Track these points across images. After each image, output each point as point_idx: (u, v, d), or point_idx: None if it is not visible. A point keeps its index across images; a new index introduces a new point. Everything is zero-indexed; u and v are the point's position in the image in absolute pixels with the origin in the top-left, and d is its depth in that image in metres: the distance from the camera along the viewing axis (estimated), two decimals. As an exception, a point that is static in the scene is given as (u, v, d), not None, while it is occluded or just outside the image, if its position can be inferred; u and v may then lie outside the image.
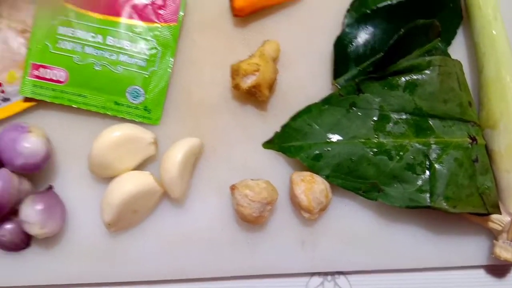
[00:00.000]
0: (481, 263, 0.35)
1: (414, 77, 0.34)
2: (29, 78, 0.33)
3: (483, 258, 0.35)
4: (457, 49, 0.36)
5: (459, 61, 0.35)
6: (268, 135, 0.35)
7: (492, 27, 0.34)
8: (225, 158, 0.35)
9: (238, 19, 0.35)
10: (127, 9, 0.34)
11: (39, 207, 0.31)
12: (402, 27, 0.34)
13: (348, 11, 0.36)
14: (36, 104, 0.34)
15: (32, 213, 0.31)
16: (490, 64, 0.34)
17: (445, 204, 0.32)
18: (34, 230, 0.31)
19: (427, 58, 0.34)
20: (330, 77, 0.35)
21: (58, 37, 0.33)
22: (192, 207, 0.34)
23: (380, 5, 0.35)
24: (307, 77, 0.36)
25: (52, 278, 0.33)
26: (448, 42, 0.36)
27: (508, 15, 0.35)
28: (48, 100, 0.33)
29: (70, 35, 0.33)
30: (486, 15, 0.34)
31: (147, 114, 0.34)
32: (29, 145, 0.31)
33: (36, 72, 0.33)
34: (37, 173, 0.33)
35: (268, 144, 0.35)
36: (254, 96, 0.34)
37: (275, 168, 0.35)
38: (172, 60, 0.34)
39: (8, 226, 0.32)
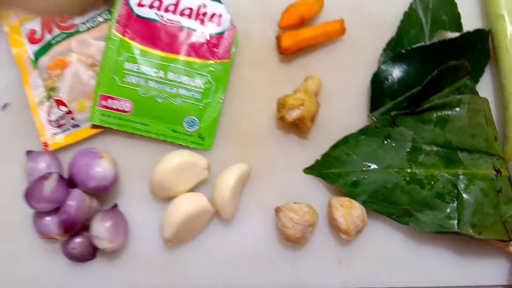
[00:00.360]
0: (501, 283, 0.38)
1: (445, 113, 0.37)
2: (98, 108, 0.37)
3: (504, 279, 0.38)
4: (485, 87, 0.39)
5: (487, 99, 0.38)
6: (309, 162, 0.38)
7: None
8: (269, 182, 0.38)
9: (283, 57, 0.39)
10: (185, 48, 0.37)
11: (108, 224, 0.35)
12: (434, 67, 0.37)
13: (384, 50, 0.39)
14: (103, 130, 0.38)
15: (102, 229, 0.35)
16: None
17: (471, 230, 0.35)
18: (103, 244, 0.35)
19: (458, 97, 0.37)
20: (367, 110, 0.39)
21: (125, 71, 0.37)
22: (240, 226, 0.38)
23: (414, 46, 0.38)
24: (346, 110, 0.39)
25: (113, 285, 0.37)
26: (476, 80, 0.39)
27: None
28: (114, 127, 0.37)
29: (136, 70, 0.37)
30: None
31: (201, 141, 0.38)
32: (101, 169, 0.35)
33: (104, 103, 0.37)
34: (104, 193, 0.37)
35: (309, 170, 0.38)
36: (297, 127, 0.38)
37: (314, 193, 0.38)
38: (224, 93, 0.38)
39: (78, 240, 0.36)
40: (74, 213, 0.34)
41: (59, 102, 0.37)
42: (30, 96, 0.37)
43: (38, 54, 0.37)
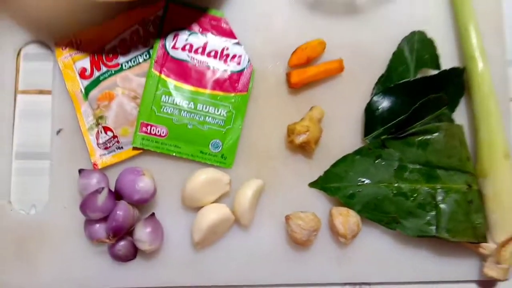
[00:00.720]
0: (474, 279, 0.45)
1: (426, 137, 0.44)
2: (139, 133, 0.44)
3: (475, 275, 0.45)
4: (460, 115, 0.46)
5: (461, 125, 0.45)
6: (314, 177, 0.45)
7: (487, 101, 0.44)
8: (280, 195, 0.45)
9: (292, 90, 0.46)
10: (211, 83, 0.45)
11: (148, 229, 0.42)
12: (418, 99, 0.45)
13: (376, 84, 0.46)
14: (142, 151, 0.45)
15: (143, 234, 0.42)
16: (484, 129, 0.44)
17: (447, 234, 0.43)
18: (144, 246, 0.42)
19: (436, 124, 0.44)
20: (361, 134, 0.46)
21: (162, 103, 0.44)
22: (256, 231, 0.45)
23: (401, 81, 0.45)
24: (344, 134, 0.46)
25: (151, 282, 0.44)
26: (452, 110, 0.46)
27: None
28: (152, 149, 0.44)
29: (170, 102, 0.44)
30: (483, 91, 0.44)
31: (223, 160, 0.45)
32: (143, 185, 0.42)
33: (144, 129, 0.44)
34: (144, 204, 0.44)
35: (314, 185, 0.46)
36: (304, 148, 0.45)
37: (318, 203, 0.45)
38: (243, 120, 0.45)
39: (123, 243, 0.43)
40: (121, 220, 0.41)
41: (106, 128, 0.44)
42: (82, 123, 0.45)
43: (88, 88, 0.45)
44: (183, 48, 0.45)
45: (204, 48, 0.45)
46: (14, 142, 0.46)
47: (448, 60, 0.46)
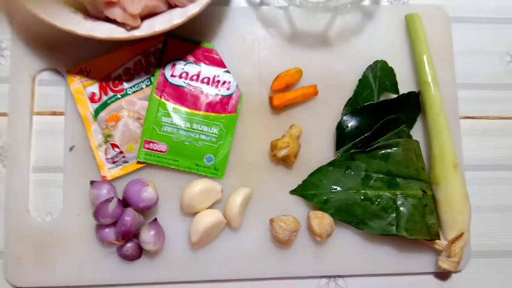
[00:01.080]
0: (430, 271, 0.53)
1: (387, 151, 0.52)
2: (143, 149, 0.51)
3: (432, 267, 0.52)
4: (417, 131, 0.54)
5: (417, 141, 0.53)
6: (294, 186, 0.52)
7: (438, 120, 0.52)
8: (265, 201, 0.52)
9: (274, 111, 0.53)
10: (204, 105, 0.52)
11: (152, 232, 0.49)
12: (380, 119, 0.52)
13: (345, 106, 0.54)
14: (145, 165, 0.51)
15: (148, 236, 0.48)
16: (436, 143, 0.52)
17: (405, 233, 0.50)
18: (149, 247, 0.49)
19: (396, 140, 0.52)
20: (334, 148, 0.53)
21: (162, 123, 0.51)
22: (244, 233, 0.52)
23: (366, 103, 0.53)
24: (319, 149, 0.53)
25: (155, 278, 0.51)
26: (410, 127, 0.53)
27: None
28: (154, 163, 0.51)
29: (170, 122, 0.51)
30: (435, 112, 0.52)
31: (216, 172, 0.52)
32: (148, 194, 0.49)
33: (147, 146, 0.51)
34: (148, 211, 0.50)
35: (294, 192, 0.52)
36: (285, 161, 0.52)
37: (297, 208, 0.52)
38: (232, 137, 0.52)
39: (130, 244, 0.49)
40: (129, 225, 0.48)
41: (114, 145, 0.51)
42: (92, 141, 0.51)
43: (98, 111, 0.51)
44: (180, 76, 0.52)
45: (198, 75, 0.52)
46: (31, 157, 0.52)
47: (405, 85, 0.54)
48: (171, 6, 0.46)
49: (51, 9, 0.45)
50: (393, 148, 0.52)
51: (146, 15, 0.46)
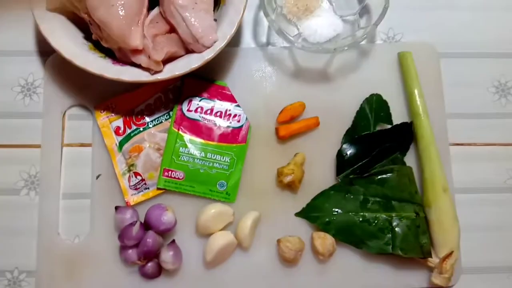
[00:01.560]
0: (424, 286, 0.57)
1: (383, 176, 0.57)
2: (163, 177, 0.56)
3: (425, 283, 0.57)
4: (410, 158, 0.59)
5: (410, 167, 0.58)
6: (298, 209, 0.58)
7: (429, 148, 0.57)
8: (273, 222, 0.57)
9: (280, 140, 0.59)
10: (217, 136, 0.57)
11: (171, 253, 0.54)
12: (376, 147, 0.58)
13: (345, 135, 0.59)
14: (165, 191, 0.57)
15: (167, 257, 0.53)
16: (427, 169, 0.57)
17: (400, 252, 0.55)
18: (168, 266, 0.54)
19: (391, 166, 0.57)
20: (335, 174, 0.58)
21: (180, 153, 0.56)
22: (254, 252, 0.57)
23: (364, 133, 0.58)
24: (321, 174, 0.59)
25: (172, 294, 0.56)
26: (404, 154, 0.59)
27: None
28: (172, 189, 0.56)
29: (186, 152, 0.57)
30: (426, 140, 0.57)
31: (228, 197, 0.57)
32: (167, 218, 0.54)
33: (166, 173, 0.56)
34: (167, 233, 0.55)
35: (298, 214, 0.58)
36: (291, 186, 0.57)
37: (302, 229, 0.57)
38: (243, 164, 0.57)
39: (151, 264, 0.54)
40: (151, 246, 0.53)
41: (136, 174, 0.56)
42: (117, 170, 0.57)
43: (122, 143, 0.57)
44: (196, 111, 0.57)
45: (212, 110, 0.58)
46: (61, 185, 0.58)
47: (399, 116, 0.60)
48: (188, 51, 0.53)
49: (83, 56, 0.51)
50: (389, 174, 0.57)
51: (167, 60, 0.52)
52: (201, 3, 0.49)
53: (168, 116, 0.58)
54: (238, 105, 0.58)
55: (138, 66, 0.52)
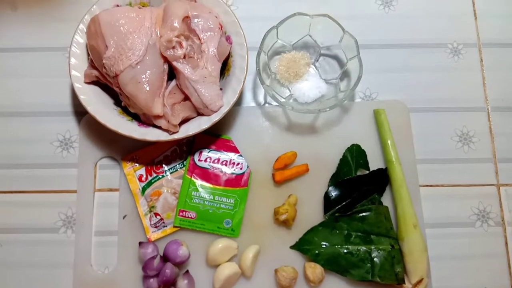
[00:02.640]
0: (402, 308, 0.67)
1: (363, 214, 0.67)
2: (178, 216, 0.67)
3: (402, 306, 0.67)
4: (386, 198, 0.70)
5: (386, 206, 0.68)
6: (292, 242, 0.68)
7: (400, 189, 0.67)
8: (271, 254, 0.67)
9: (276, 184, 0.70)
10: (223, 182, 0.68)
11: (185, 281, 0.64)
12: (357, 189, 0.68)
13: (330, 179, 0.70)
14: (180, 229, 0.67)
15: (183, 285, 0.64)
16: (399, 208, 0.67)
17: (378, 279, 0.65)
18: (183, 293, 0.63)
19: (369, 206, 0.67)
20: (323, 212, 0.69)
21: (192, 196, 0.67)
22: (255, 280, 0.67)
23: (346, 178, 0.69)
24: (311, 212, 0.69)
25: (186, 317, 0.65)
26: (381, 195, 0.69)
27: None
28: (186, 227, 0.67)
29: (198, 195, 0.67)
30: (398, 183, 0.68)
31: (233, 232, 0.67)
32: (182, 252, 0.64)
33: (181, 213, 0.67)
34: (182, 264, 0.65)
35: (293, 247, 0.68)
36: (285, 223, 0.68)
37: (296, 259, 0.67)
38: (245, 204, 0.68)
39: (168, 290, 0.64)
40: (169, 276, 0.63)
41: (156, 214, 0.67)
42: (140, 211, 0.67)
43: (144, 188, 0.68)
44: (205, 160, 0.69)
45: (218, 159, 0.69)
46: (93, 224, 0.68)
47: (376, 163, 0.71)
48: (199, 114, 0.64)
49: (114, 120, 0.63)
50: (368, 212, 0.67)
51: (182, 121, 0.63)
52: (209, 77, 0.61)
53: (182, 165, 0.69)
54: (240, 155, 0.70)
55: (159, 127, 0.63)
